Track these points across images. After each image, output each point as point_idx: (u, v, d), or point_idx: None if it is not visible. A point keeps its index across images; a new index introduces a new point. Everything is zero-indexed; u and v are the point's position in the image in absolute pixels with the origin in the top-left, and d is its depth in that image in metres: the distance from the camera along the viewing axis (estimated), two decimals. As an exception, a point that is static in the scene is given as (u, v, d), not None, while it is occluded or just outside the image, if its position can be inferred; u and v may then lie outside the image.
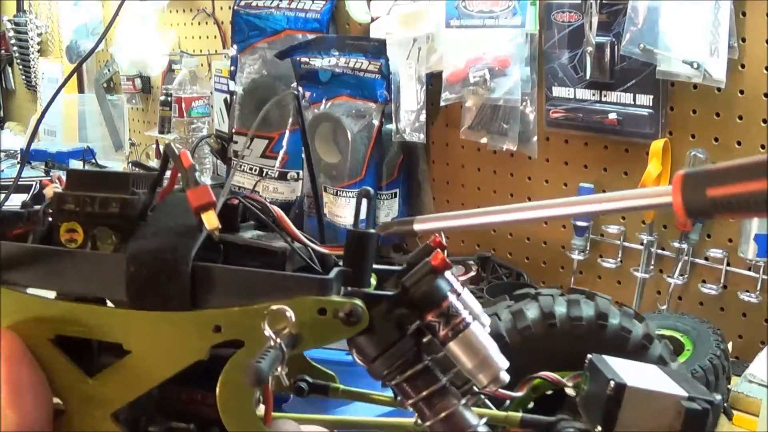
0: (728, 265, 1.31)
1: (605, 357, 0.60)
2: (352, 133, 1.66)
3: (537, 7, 1.45)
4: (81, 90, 2.97)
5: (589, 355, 0.60)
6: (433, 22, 1.57)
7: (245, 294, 0.42)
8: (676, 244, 1.35)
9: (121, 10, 1.85)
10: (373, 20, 1.72)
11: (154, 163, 2.49)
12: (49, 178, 2.41)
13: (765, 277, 1.26)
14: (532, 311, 0.90)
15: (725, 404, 1.08)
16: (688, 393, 0.53)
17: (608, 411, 0.52)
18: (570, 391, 0.67)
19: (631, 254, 1.44)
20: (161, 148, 2.50)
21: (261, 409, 0.47)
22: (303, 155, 1.79)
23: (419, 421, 0.46)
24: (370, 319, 0.43)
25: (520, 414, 0.63)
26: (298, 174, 1.87)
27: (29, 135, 2.61)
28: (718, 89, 1.28)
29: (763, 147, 1.26)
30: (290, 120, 1.87)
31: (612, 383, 0.53)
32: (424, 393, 0.44)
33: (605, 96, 1.41)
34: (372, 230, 0.46)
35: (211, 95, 2.17)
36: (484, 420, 0.46)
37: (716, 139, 1.32)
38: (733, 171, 0.38)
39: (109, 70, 2.74)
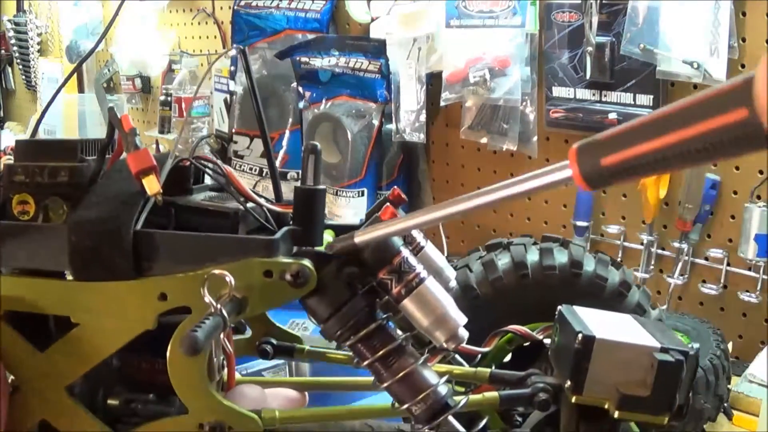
0: (728, 265, 1.31)
1: (576, 308, 0.57)
2: (352, 133, 1.66)
3: (537, 7, 1.45)
4: (81, 90, 2.97)
5: (559, 307, 0.59)
6: (433, 22, 1.57)
7: (190, 259, 0.41)
8: (676, 244, 1.35)
9: (121, 10, 1.85)
10: (373, 20, 1.72)
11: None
12: (2, 150, 2.40)
13: (765, 277, 1.26)
14: (503, 261, 0.86)
15: (725, 404, 1.08)
16: (661, 344, 0.51)
17: (577, 364, 0.51)
18: (547, 341, 0.65)
19: (631, 254, 1.44)
20: (161, 147, 2.50)
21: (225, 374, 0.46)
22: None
23: (377, 383, 0.44)
24: (319, 279, 0.42)
25: (488, 370, 0.61)
26: (298, 174, 1.87)
27: (29, 135, 2.61)
28: (718, 89, 1.27)
29: (763, 147, 1.26)
30: (290, 120, 1.87)
31: (580, 336, 0.51)
32: (380, 353, 0.43)
33: (605, 96, 1.41)
34: (321, 186, 0.45)
35: (211, 95, 2.17)
36: (445, 378, 0.45)
37: (716, 139, 1.31)
38: (621, 137, 0.38)
39: (109, 70, 2.74)
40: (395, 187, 0.45)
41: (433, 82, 1.63)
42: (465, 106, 1.57)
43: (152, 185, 0.43)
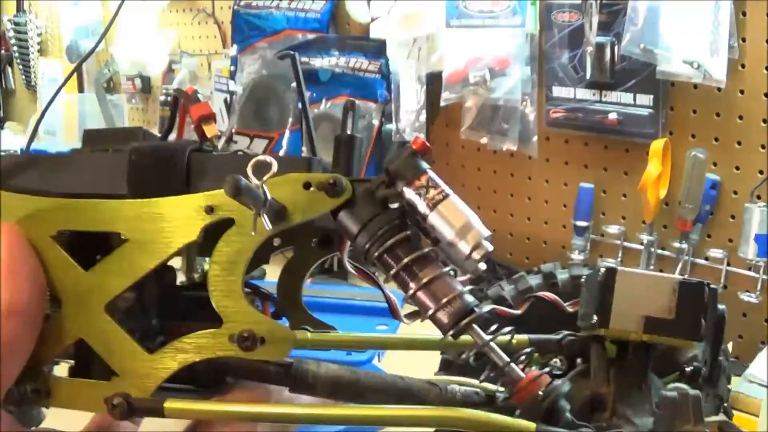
0: (728, 265, 1.31)
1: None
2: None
3: (537, 7, 1.45)
4: (81, 90, 2.97)
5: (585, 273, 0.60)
6: (433, 22, 1.57)
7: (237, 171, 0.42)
8: (676, 244, 1.35)
9: (121, 10, 1.85)
10: (373, 20, 1.72)
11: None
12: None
13: (765, 277, 1.26)
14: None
15: (725, 404, 1.08)
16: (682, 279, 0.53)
17: (602, 296, 0.52)
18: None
19: (631, 254, 1.44)
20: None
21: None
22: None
23: (404, 293, 0.45)
24: (353, 195, 0.44)
25: (527, 336, 0.62)
26: (298, 174, 1.86)
27: (29, 135, 2.61)
28: (718, 89, 1.27)
29: (763, 147, 1.26)
30: (290, 120, 1.87)
31: (602, 269, 0.52)
32: (405, 260, 0.44)
33: (605, 96, 1.41)
34: (358, 135, 0.49)
35: (211, 95, 2.17)
36: (469, 287, 0.46)
37: (716, 139, 1.32)
38: None
39: (109, 70, 2.74)
40: (418, 135, 0.47)
41: (433, 82, 1.63)
42: (465, 106, 1.57)
43: (211, 130, 0.49)
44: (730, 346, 1.16)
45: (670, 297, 0.51)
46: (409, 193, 0.44)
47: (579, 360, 0.56)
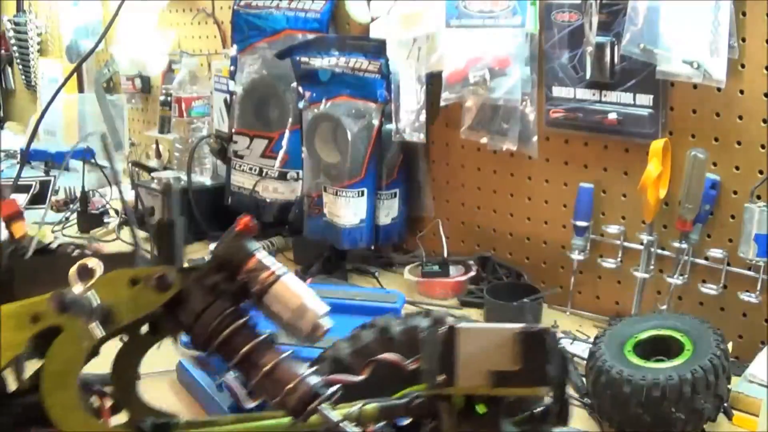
0: (728, 265, 1.31)
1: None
2: (352, 133, 1.66)
3: (537, 7, 1.45)
4: (81, 90, 2.97)
5: (421, 335, 0.59)
6: (433, 22, 1.57)
7: (62, 280, 0.42)
8: (676, 244, 1.35)
9: (121, 10, 1.85)
10: (373, 20, 1.72)
11: (153, 162, 2.49)
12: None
13: (765, 277, 1.26)
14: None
15: (725, 404, 1.08)
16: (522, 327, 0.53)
17: (446, 356, 0.51)
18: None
19: (631, 254, 1.44)
20: (161, 148, 2.50)
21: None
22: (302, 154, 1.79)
23: (247, 383, 0.45)
24: (183, 288, 0.44)
25: (376, 404, 0.61)
26: (298, 174, 1.87)
27: (29, 135, 2.61)
28: (718, 89, 1.27)
29: (763, 147, 1.26)
30: (290, 120, 1.87)
31: (441, 330, 0.52)
32: (244, 350, 0.44)
33: (605, 96, 1.41)
34: (180, 218, 0.49)
35: (211, 95, 2.17)
36: (314, 369, 0.46)
37: (716, 139, 1.32)
38: None
39: (108, 70, 2.74)
40: (241, 217, 0.47)
41: (433, 82, 1.63)
42: (465, 106, 1.57)
43: (19, 229, 0.47)
44: (730, 346, 1.15)
45: (513, 348, 0.50)
46: (240, 277, 0.44)
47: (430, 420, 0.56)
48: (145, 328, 0.53)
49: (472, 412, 0.52)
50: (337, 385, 0.50)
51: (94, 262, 0.41)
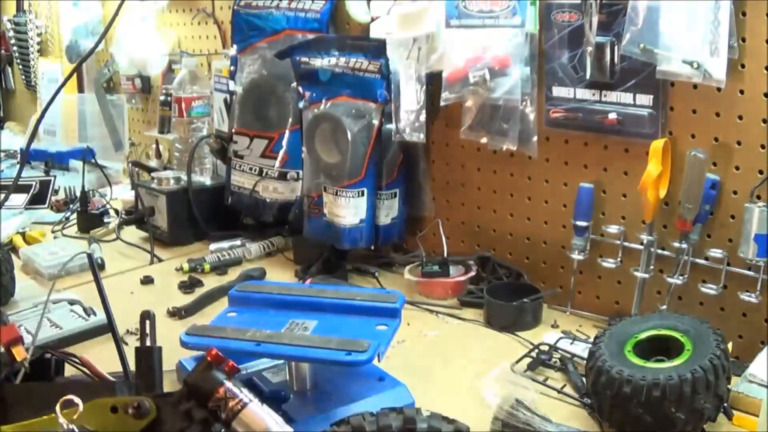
0: (728, 265, 1.31)
1: None
2: (352, 133, 1.66)
3: (537, 7, 1.45)
4: (81, 90, 2.97)
5: None
6: (433, 22, 1.57)
7: (47, 405, 0.47)
8: (676, 244, 1.35)
9: (121, 10, 1.85)
10: (373, 20, 1.72)
11: (153, 163, 2.49)
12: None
13: (765, 277, 1.26)
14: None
15: (725, 404, 1.08)
16: None
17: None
18: None
19: (631, 254, 1.44)
20: (161, 148, 2.50)
21: None
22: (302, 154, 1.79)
23: None
24: (159, 414, 0.49)
25: None
26: (298, 174, 1.87)
27: (29, 135, 2.61)
28: (718, 89, 1.27)
29: (763, 147, 1.26)
30: (290, 120, 1.87)
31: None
32: None
33: (605, 96, 1.41)
34: (157, 346, 0.55)
35: (211, 95, 2.17)
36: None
37: (716, 139, 1.32)
38: None
39: (108, 70, 2.74)
40: (211, 348, 0.51)
41: (433, 82, 1.63)
42: (465, 106, 1.57)
43: (20, 353, 0.51)
44: (730, 346, 1.16)
45: None
46: (210, 404, 0.48)
47: None
48: None
49: None
50: None
51: (76, 401, 0.47)
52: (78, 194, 2.19)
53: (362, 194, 1.68)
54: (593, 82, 1.41)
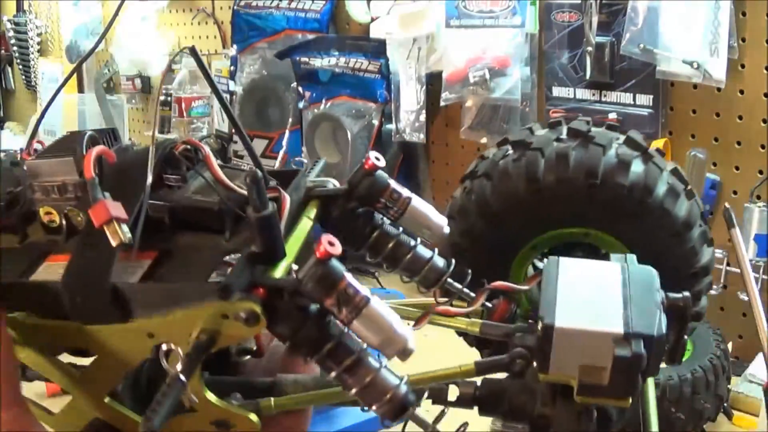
0: (728, 265, 1.31)
1: (561, 261, 0.57)
2: (352, 133, 1.66)
3: (537, 7, 1.45)
4: (81, 90, 2.97)
5: (545, 260, 0.58)
6: (433, 22, 1.57)
7: (160, 305, 0.48)
8: (676, 244, 1.35)
9: (121, 10, 1.85)
10: (373, 20, 1.72)
11: (154, 163, 2.49)
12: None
13: (765, 277, 1.26)
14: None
15: (725, 404, 1.08)
16: (625, 327, 0.50)
17: (540, 348, 0.52)
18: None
19: (631, 254, 1.44)
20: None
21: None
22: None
23: (346, 390, 0.49)
24: (274, 310, 0.47)
25: (480, 321, 0.64)
26: (298, 174, 1.87)
27: (29, 135, 2.61)
28: (718, 89, 1.27)
29: (763, 147, 1.26)
30: (290, 120, 1.87)
31: (540, 325, 0.51)
32: (342, 366, 0.48)
33: (605, 96, 1.41)
34: (271, 210, 0.49)
35: (211, 95, 2.17)
36: (406, 378, 0.50)
37: (716, 139, 1.31)
38: None
39: (109, 70, 2.74)
40: (321, 240, 0.48)
41: (433, 82, 1.63)
42: (465, 106, 1.57)
43: (115, 236, 0.48)
44: (730, 346, 1.15)
45: (607, 358, 0.50)
46: (328, 301, 0.46)
47: None
48: None
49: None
50: (425, 394, 0.55)
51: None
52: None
53: (362, 194, 1.68)
54: (593, 82, 1.41)
